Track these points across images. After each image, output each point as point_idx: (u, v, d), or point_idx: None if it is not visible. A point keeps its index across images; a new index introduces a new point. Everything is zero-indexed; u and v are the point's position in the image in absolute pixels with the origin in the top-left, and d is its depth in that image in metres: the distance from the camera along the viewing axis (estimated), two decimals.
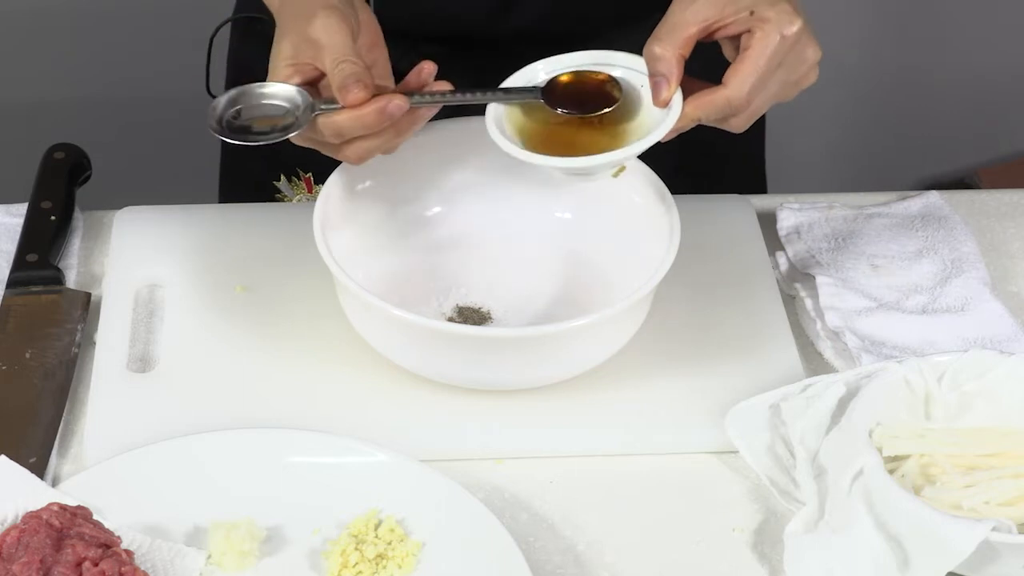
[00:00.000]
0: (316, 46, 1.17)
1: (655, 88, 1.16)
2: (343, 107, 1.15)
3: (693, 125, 1.17)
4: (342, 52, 1.16)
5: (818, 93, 1.23)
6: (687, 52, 1.16)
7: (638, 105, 1.19)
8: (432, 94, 1.19)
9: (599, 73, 1.21)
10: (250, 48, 1.51)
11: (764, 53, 1.15)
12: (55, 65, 2.46)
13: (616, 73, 1.20)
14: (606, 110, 1.19)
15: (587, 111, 1.20)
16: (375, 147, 1.18)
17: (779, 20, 1.15)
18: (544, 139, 1.19)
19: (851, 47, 2.57)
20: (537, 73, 1.22)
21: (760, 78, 1.15)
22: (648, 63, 1.17)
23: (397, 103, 1.16)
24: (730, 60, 1.19)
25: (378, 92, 1.16)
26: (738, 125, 1.18)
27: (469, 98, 1.20)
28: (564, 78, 1.21)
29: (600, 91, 1.21)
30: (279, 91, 1.17)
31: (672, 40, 1.16)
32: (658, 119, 1.17)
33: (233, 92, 1.18)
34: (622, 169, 1.20)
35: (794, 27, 1.15)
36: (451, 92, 1.20)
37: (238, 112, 1.18)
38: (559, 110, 1.19)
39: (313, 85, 1.18)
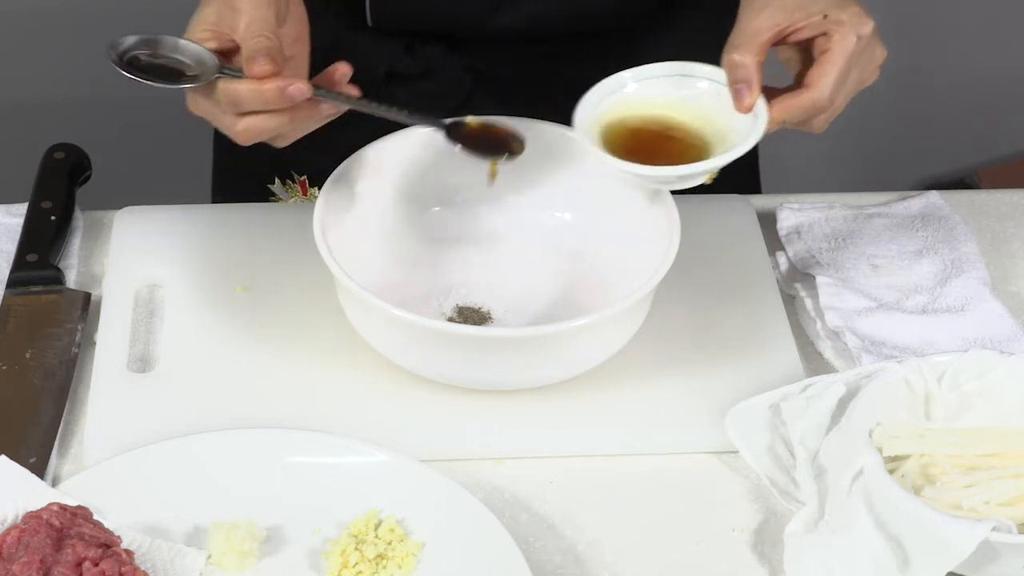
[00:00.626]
0: (236, 15, 1.17)
1: (737, 95, 1.18)
2: (247, 78, 1.15)
3: (778, 128, 1.19)
4: (260, 26, 1.16)
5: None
6: (764, 58, 1.18)
7: (719, 114, 1.20)
8: (338, 94, 1.19)
9: (505, 127, 1.25)
10: None
11: (843, 54, 1.17)
12: (55, 65, 2.46)
13: (702, 85, 1.22)
14: (504, 157, 1.24)
15: (487, 154, 1.23)
16: (268, 127, 1.18)
17: (853, 22, 1.17)
18: (629, 147, 1.20)
19: None
20: (625, 82, 1.23)
21: (840, 78, 1.17)
22: (728, 71, 1.18)
23: (299, 86, 1.16)
24: (786, 64, 1.21)
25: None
26: (819, 125, 1.20)
27: (372, 108, 1.21)
28: (473, 123, 1.24)
29: (504, 143, 1.24)
30: (191, 49, 1.18)
31: (750, 48, 1.18)
32: (743, 124, 1.18)
33: (147, 36, 1.19)
34: (714, 175, 1.21)
35: (867, 28, 1.18)
36: (357, 98, 1.20)
37: (146, 56, 1.19)
38: (458, 147, 1.22)
39: (227, 56, 1.18)
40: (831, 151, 2.66)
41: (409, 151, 1.31)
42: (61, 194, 1.37)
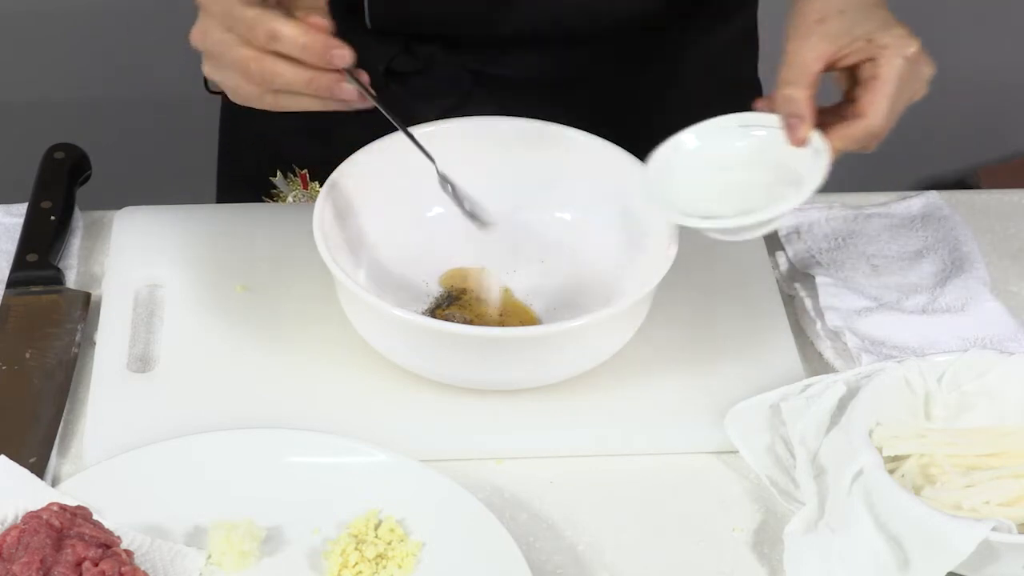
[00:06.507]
0: None
1: (791, 129, 1.18)
2: (296, 20, 1.13)
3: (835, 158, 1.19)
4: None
5: (817, 94, 1.24)
6: (815, 90, 1.19)
7: (783, 158, 1.20)
8: (363, 85, 1.16)
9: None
10: None
11: (892, 79, 1.18)
12: (55, 65, 2.46)
13: (761, 133, 1.22)
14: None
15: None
16: (287, 78, 1.14)
17: (898, 44, 1.18)
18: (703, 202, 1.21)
19: None
20: (687, 139, 1.23)
21: (892, 102, 1.18)
22: (782, 106, 1.19)
23: (346, 51, 1.13)
24: (841, 87, 1.21)
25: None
26: (872, 147, 1.21)
27: (387, 110, 1.19)
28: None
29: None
30: None
31: (801, 81, 1.18)
32: (806, 162, 1.18)
33: None
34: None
35: (913, 48, 1.19)
36: (374, 95, 1.18)
37: None
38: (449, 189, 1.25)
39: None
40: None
41: (409, 151, 1.30)
42: (61, 194, 1.37)
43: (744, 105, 1.22)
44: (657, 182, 1.22)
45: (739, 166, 1.23)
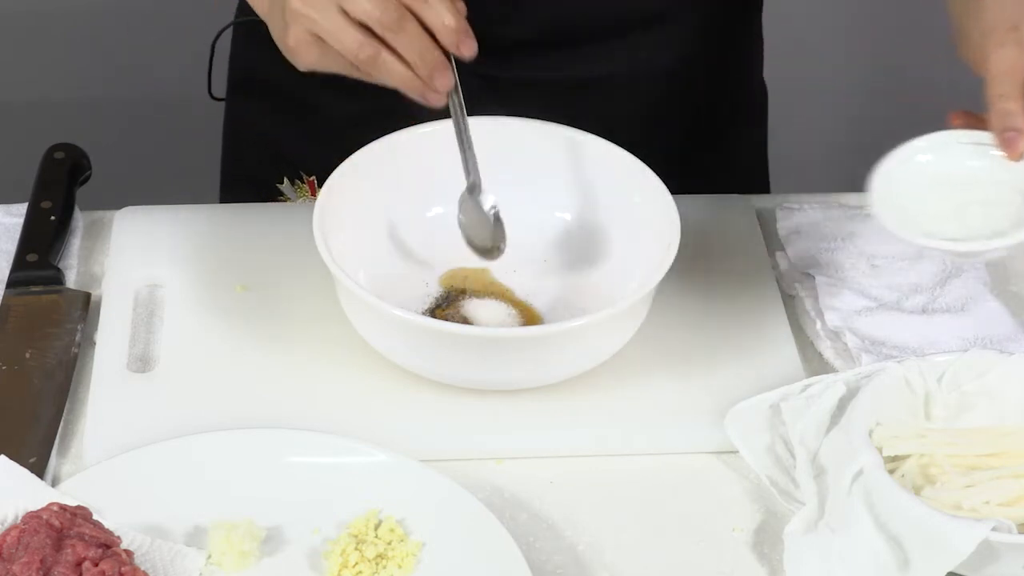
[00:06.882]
0: None
1: (1010, 143, 1.16)
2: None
3: None
4: None
5: (818, 93, 1.24)
6: None
7: (997, 176, 1.19)
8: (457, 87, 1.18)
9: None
10: (252, 51, 1.51)
11: None
12: (55, 65, 2.46)
13: (996, 152, 1.19)
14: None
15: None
16: (408, 45, 1.15)
17: None
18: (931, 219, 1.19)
19: (851, 46, 2.57)
20: (918, 151, 1.21)
21: None
22: (998, 121, 1.17)
23: (474, 44, 1.15)
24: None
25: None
26: None
27: (456, 121, 1.21)
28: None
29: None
30: None
31: (1014, 93, 1.16)
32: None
33: None
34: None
35: None
36: (459, 105, 1.19)
37: None
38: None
39: None
40: (831, 151, 2.66)
41: (409, 151, 1.31)
42: (61, 194, 1.37)
43: (752, 105, 1.21)
44: (884, 196, 1.18)
45: (972, 185, 1.20)
